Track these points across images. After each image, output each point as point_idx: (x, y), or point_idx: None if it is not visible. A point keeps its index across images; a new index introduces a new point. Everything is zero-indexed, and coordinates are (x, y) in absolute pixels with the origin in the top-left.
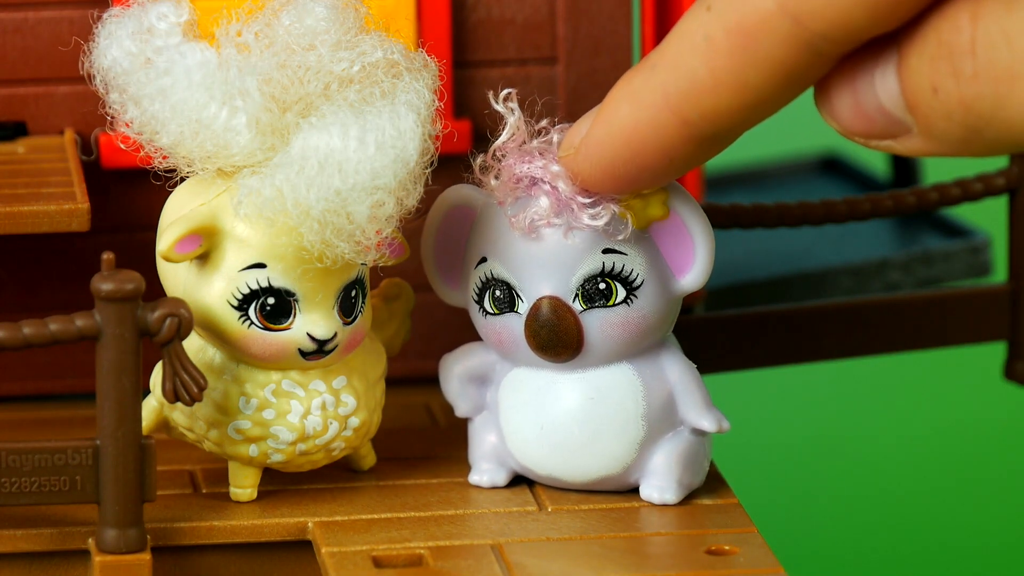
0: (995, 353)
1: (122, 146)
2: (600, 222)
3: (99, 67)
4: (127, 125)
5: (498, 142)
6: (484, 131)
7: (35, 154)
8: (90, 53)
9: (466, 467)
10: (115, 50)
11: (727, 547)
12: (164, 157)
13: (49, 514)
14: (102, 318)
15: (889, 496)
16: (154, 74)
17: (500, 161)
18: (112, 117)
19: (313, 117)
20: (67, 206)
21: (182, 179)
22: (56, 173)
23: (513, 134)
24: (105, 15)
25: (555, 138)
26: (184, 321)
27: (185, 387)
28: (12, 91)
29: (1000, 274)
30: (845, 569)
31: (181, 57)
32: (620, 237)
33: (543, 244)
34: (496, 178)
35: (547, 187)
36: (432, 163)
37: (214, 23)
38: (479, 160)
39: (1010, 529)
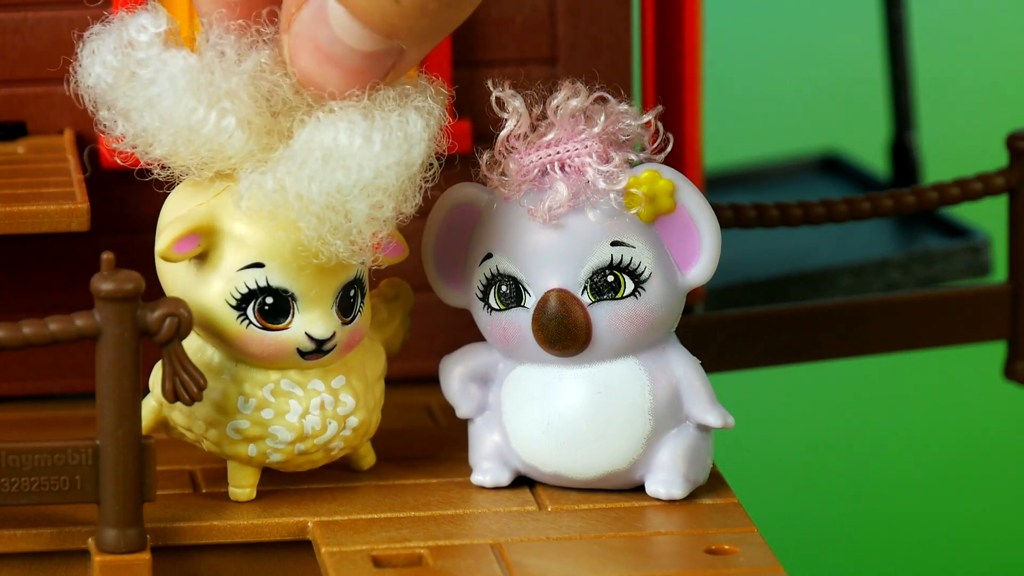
0: (995, 353)
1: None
2: (618, 185)
3: (85, 86)
4: (119, 140)
5: (504, 132)
6: (484, 131)
7: (35, 154)
8: (75, 72)
9: (466, 467)
10: (98, 67)
11: (727, 547)
12: (162, 167)
13: (49, 514)
14: (102, 318)
15: (889, 495)
16: (139, 86)
17: (508, 154)
18: (106, 133)
19: (320, 112)
20: (67, 206)
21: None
22: (56, 173)
23: (518, 120)
24: (86, 33)
25: (556, 102)
26: (184, 321)
27: (185, 387)
28: (12, 91)
29: (1000, 274)
30: (845, 569)
31: (164, 65)
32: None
33: (551, 237)
34: (504, 173)
35: (558, 174)
36: (434, 176)
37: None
38: (486, 156)
39: (1010, 529)
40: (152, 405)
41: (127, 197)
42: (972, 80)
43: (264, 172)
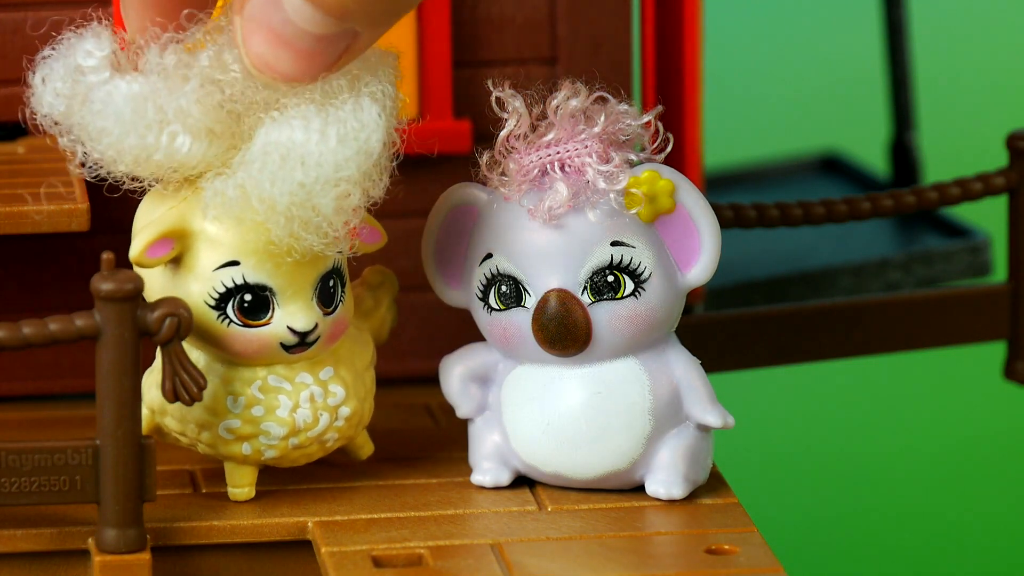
0: (995, 353)
1: None
2: (618, 185)
3: (40, 115)
4: (82, 165)
5: (504, 132)
6: (484, 131)
7: (35, 154)
8: (29, 102)
9: (466, 467)
10: (49, 96)
11: (727, 547)
12: (131, 179)
13: (49, 514)
14: (102, 318)
15: (889, 496)
16: (89, 117)
17: (508, 154)
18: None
19: (275, 111)
20: (67, 206)
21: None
22: (56, 173)
23: (518, 120)
24: (37, 57)
25: (556, 102)
26: (184, 321)
27: (185, 387)
28: (12, 91)
29: (1000, 274)
30: (845, 569)
31: (109, 97)
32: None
33: (551, 237)
34: (504, 173)
35: (558, 174)
36: (399, 155)
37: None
38: (486, 156)
39: (1010, 529)
40: (144, 413)
41: (127, 197)
42: (972, 80)
43: (225, 179)
